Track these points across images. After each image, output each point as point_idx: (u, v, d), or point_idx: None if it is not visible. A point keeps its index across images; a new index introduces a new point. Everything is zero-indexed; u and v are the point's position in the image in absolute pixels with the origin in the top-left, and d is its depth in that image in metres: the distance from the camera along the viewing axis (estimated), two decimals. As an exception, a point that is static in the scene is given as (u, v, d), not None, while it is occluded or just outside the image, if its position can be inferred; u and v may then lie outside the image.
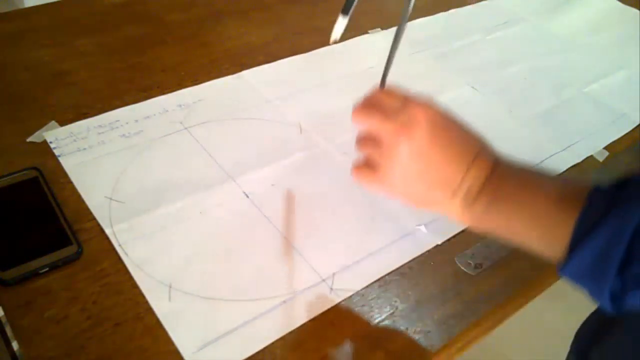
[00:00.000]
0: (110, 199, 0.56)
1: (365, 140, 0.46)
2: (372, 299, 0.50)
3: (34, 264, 0.48)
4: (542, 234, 0.41)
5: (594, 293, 0.37)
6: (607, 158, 0.68)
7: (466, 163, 0.42)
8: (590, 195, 0.38)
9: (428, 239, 0.55)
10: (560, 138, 0.70)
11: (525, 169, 0.43)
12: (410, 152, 0.42)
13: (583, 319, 0.60)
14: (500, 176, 0.42)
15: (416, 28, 0.90)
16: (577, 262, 0.37)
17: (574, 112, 0.75)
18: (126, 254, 0.51)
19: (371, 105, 0.45)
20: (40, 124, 0.63)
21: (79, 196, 0.55)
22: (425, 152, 0.42)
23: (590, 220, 0.37)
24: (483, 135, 0.45)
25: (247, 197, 0.58)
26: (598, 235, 0.36)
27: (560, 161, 0.67)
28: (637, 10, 1.01)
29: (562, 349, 0.79)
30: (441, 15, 0.94)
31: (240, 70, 0.75)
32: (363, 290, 0.50)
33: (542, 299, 0.59)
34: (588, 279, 0.37)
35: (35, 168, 0.56)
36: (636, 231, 0.34)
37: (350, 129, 0.67)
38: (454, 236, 0.56)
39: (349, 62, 0.79)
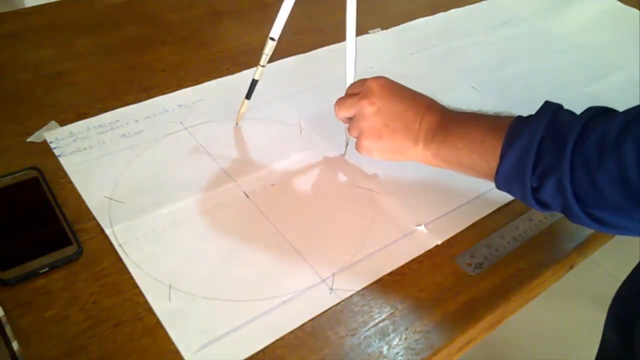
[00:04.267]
0: (110, 199, 0.56)
1: (349, 127, 0.58)
2: (372, 299, 0.50)
3: (34, 264, 0.48)
4: (481, 158, 0.50)
5: (521, 195, 0.48)
6: (607, 158, 0.68)
7: (420, 112, 0.54)
8: (513, 121, 0.49)
9: (428, 239, 0.55)
10: (560, 138, 0.70)
11: (467, 112, 0.55)
12: (372, 112, 0.54)
13: (583, 319, 0.60)
14: (448, 119, 0.53)
15: (416, 28, 0.90)
16: (503, 170, 0.48)
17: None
18: (126, 254, 0.51)
19: (341, 98, 0.59)
20: (40, 124, 0.63)
21: (79, 196, 0.55)
22: (384, 108, 0.54)
23: (510, 137, 0.47)
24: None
25: (247, 197, 0.58)
26: (515, 145, 0.46)
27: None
28: (637, 10, 1.01)
29: (562, 349, 0.79)
30: (441, 15, 0.94)
31: (240, 70, 0.75)
32: (363, 290, 0.50)
33: (542, 299, 0.59)
34: (514, 182, 0.47)
35: (35, 168, 0.56)
36: (542, 137, 0.46)
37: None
38: (454, 236, 0.56)
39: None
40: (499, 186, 0.50)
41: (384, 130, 0.54)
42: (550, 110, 0.49)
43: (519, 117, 0.50)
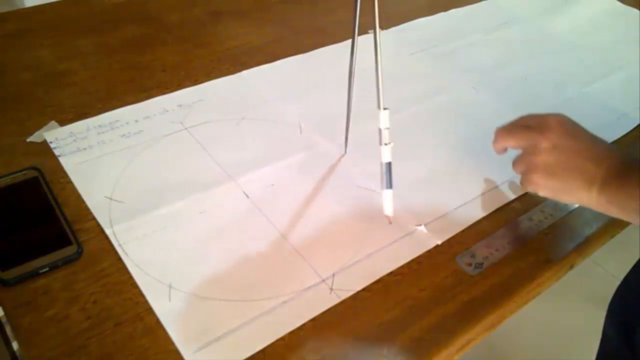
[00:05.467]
0: (110, 199, 0.56)
1: (516, 160, 0.56)
2: (372, 299, 0.50)
3: (34, 264, 0.48)
4: None
5: None
6: (607, 158, 0.68)
7: (599, 155, 0.51)
8: None
9: (428, 239, 0.55)
10: (560, 138, 0.70)
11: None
12: (548, 148, 0.52)
13: (583, 319, 0.60)
14: (630, 164, 0.50)
15: (416, 28, 0.90)
16: None
17: (574, 112, 0.75)
18: (126, 254, 0.51)
19: (509, 127, 0.56)
20: (40, 124, 0.63)
21: (79, 196, 0.55)
22: (561, 145, 0.51)
23: None
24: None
25: (247, 197, 0.58)
26: None
27: (560, 161, 0.67)
28: (637, 10, 1.01)
29: (562, 349, 0.79)
30: (441, 15, 0.94)
31: (240, 70, 0.75)
32: (363, 291, 0.50)
33: (542, 299, 0.59)
34: None
35: (35, 168, 0.56)
36: None
37: (350, 128, 0.67)
38: (454, 236, 0.56)
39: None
40: None
41: (557, 168, 0.52)
42: None
43: None
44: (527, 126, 0.54)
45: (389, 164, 0.52)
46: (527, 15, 0.97)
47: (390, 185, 0.53)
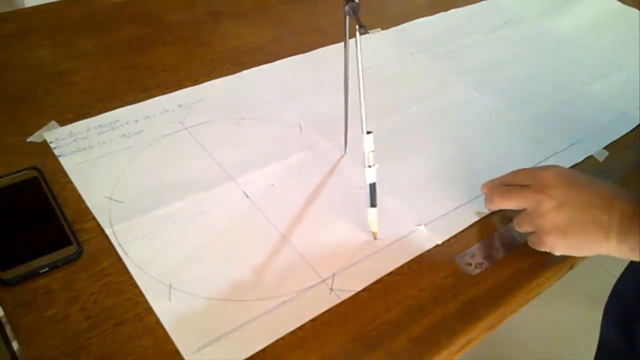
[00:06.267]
0: (110, 199, 0.56)
1: (520, 221, 0.53)
2: (372, 299, 0.50)
3: (34, 264, 0.48)
4: None
5: None
6: (607, 158, 0.68)
7: (606, 201, 0.48)
8: None
9: (428, 239, 0.55)
10: (560, 138, 0.70)
11: None
12: (553, 207, 0.49)
13: (583, 319, 0.60)
14: None
15: (416, 28, 0.90)
16: None
17: (574, 112, 0.76)
18: (126, 254, 0.51)
19: (505, 188, 0.53)
20: (40, 124, 0.63)
21: (79, 196, 0.55)
22: (565, 202, 0.48)
23: None
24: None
25: (247, 197, 0.58)
26: None
27: (560, 161, 0.67)
28: (637, 10, 1.01)
29: (562, 348, 0.79)
30: (441, 15, 0.94)
31: (240, 70, 0.75)
32: (363, 291, 0.50)
33: (542, 299, 0.59)
34: None
35: (35, 168, 0.56)
36: None
37: (350, 128, 0.67)
38: (454, 236, 0.56)
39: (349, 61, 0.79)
40: None
41: (569, 225, 0.48)
42: None
43: None
44: (522, 185, 0.52)
45: (374, 184, 0.53)
46: (527, 15, 0.97)
47: (374, 203, 0.53)
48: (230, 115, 0.67)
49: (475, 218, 0.58)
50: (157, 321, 0.46)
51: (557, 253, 0.51)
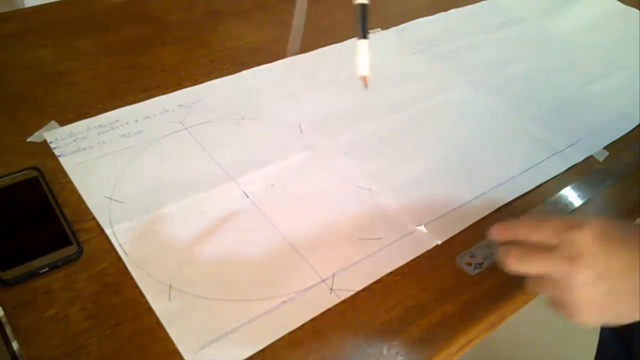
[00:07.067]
0: (110, 199, 0.56)
1: (539, 285, 0.44)
2: (372, 299, 0.50)
3: (34, 264, 0.48)
4: None
5: None
6: (607, 158, 0.68)
7: None
8: None
9: (428, 239, 0.55)
10: (560, 138, 0.70)
11: None
12: (590, 281, 0.40)
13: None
14: None
15: (416, 28, 0.90)
16: None
17: (574, 112, 0.76)
18: (126, 254, 0.51)
19: (523, 251, 0.43)
20: (40, 124, 0.63)
21: (79, 196, 0.55)
22: (605, 270, 0.40)
23: None
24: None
25: (247, 197, 0.58)
26: None
27: (560, 161, 0.67)
28: (637, 10, 1.01)
29: (562, 349, 0.79)
30: (441, 15, 0.94)
31: (240, 70, 0.75)
32: (363, 290, 0.50)
33: (543, 299, 0.59)
34: None
35: (35, 168, 0.56)
36: None
37: (350, 128, 0.68)
38: (454, 236, 0.56)
39: (349, 62, 0.79)
40: None
41: (607, 299, 0.40)
42: None
43: None
44: (546, 248, 0.42)
45: (365, 6, 0.40)
46: (527, 15, 0.97)
47: (365, 34, 0.40)
48: (230, 115, 0.67)
49: (475, 218, 0.58)
50: (157, 321, 0.46)
51: (594, 326, 0.43)
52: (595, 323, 0.42)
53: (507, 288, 0.52)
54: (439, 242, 0.55)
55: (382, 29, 0.87)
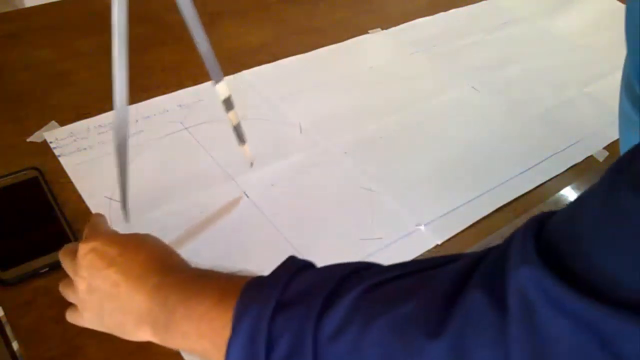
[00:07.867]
0: (110, 199, 0.56)
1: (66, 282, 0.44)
2: (372, 299, 0.50)
3: (34, 264, 0.48)
4: (212, 344, 0.34)
5: None
6: (607, 158, 0.68)
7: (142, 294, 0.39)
8: (244, 287, 0.34)
9: (428, 239, 0.55)
10: (560, 138, 0.70)
11: (191, 276, 0.39)
12: (85, 290, 0.41)
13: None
14: (167, 287, 0.38)
15: (416, 28, 0.90)
16: None
17: (574, 112, 0.76)
18: (126, 254, 0.50)
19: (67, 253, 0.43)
20: (40, 124, 0.63)
21: (79, 196, 0.55)
22: (94, 289, 0.40)
23: (239, 312, 0.32)
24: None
25: (247, 197, 0.58)
26: (240, 331, 0.32)
27: (560, 161, 0.67)
28: (637, 10, 1.01)
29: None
30: (441, 15, 0.94)
31: (240, 70, 0.75)
32: (363, 290, 0.50)
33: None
34: None
35: (35, 168, 0.56)
36: (274, 310, 0.31)
37: (350, 128, 0.67)
38: (454, 236, 0.56)
39: (349, 62, 0.79)
40: None
41: (100, 310, 0.41)
42: (286, 275, 0.35)
43: (256, 278, 0.36)
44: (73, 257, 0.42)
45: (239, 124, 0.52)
46: (527, 15, 0.97)
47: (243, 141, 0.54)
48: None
49: (475, 218, 0.58)
50: (157, 321, 0.46)
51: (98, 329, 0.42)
52: (98, 328, 0.42)
53: (507, 288, 0.52)
54: (439, 242, 0.55)
55: (382, 29, 0.87)
